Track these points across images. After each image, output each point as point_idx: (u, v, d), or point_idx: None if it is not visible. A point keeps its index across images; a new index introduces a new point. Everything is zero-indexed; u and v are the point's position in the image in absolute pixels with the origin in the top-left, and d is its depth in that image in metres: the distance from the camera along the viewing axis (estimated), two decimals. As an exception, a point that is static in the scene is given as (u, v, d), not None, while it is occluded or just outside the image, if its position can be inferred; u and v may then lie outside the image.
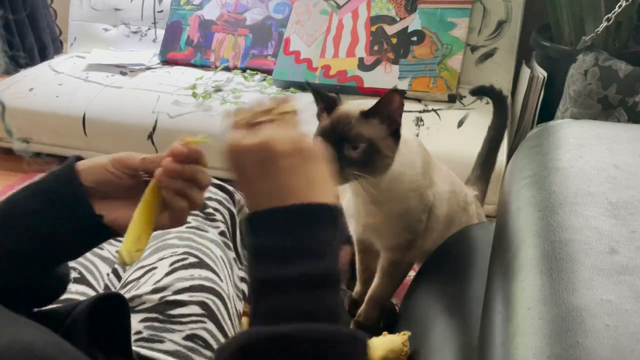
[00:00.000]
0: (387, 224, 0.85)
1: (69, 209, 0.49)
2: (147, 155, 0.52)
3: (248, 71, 1.99)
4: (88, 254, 0.81)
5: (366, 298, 0.93)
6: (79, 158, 0.53)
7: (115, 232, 0.51)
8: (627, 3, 1.46)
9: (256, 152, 0.43)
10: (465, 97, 1.83)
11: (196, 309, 0.67)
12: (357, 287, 1.02)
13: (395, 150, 0.78)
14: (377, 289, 0.92)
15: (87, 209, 0.49)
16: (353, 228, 0.93)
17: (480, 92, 1.13)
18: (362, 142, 0.75)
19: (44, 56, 2.31)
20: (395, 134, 0.77)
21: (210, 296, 0.69)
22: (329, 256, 0.42)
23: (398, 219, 0.84)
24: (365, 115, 0.76)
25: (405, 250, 0.88)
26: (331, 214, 0.43)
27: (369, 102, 0.79)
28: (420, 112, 1.74)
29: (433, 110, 1.75)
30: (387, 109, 0.76)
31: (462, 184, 1.00)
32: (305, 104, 1.99)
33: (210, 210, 0.83)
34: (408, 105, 1.78)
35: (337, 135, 0.75)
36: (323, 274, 0.41)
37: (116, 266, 0.82)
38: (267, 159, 0.43)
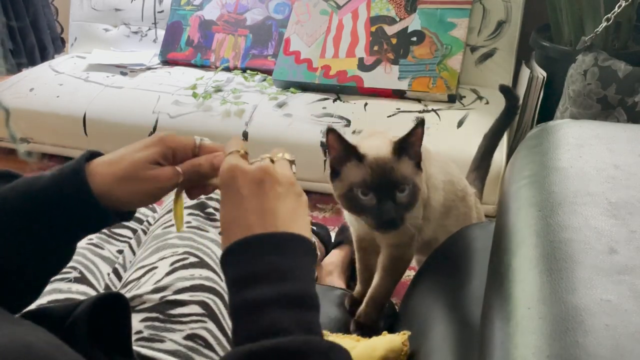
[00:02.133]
0: None
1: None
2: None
3: (248, 71, 2.00)
4: (88, 254, 0.81)
5: (366, 298, 0.93)
6: (94, 154, 0.52)
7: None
8: (627, 3, 1.46)
9: (257, 174, 0.46)
10: (465, 97, 1.83)
11: (197, 309, 0.67)
12: (358, 287, 1.02)
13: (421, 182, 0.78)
14: (378, 286, 0.92)
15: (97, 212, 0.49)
16: (355, 227, 0.93)
17: (505, 90, 1.15)
18: (407, 183, 0.75)
19: (44, 56, 2.31)
20: (418, 167, 0.77)
21: (211, 296, 0.69)
22: (307, 281, 0.44)
23: None
24: (398, 154, 0.75)
25: (407, 246, 0.88)
26: (307, 245, 0.46)
27: (384, 140, 0.78)
28: (420, 112, 1.74)
29: (433, 110, 1.75)
30: (415, 143, 0.75)
31: (461, 175, 1.00)
32: (306, 103, 1.98)
33: (210, 210, 0.83)
34: (408, 105, 1.79)
35: (384, 183, 0.73)
36: (300, 295, 0.43)
37: (117, 266, 0.82)
38: (265, 181, 0.46)
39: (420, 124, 0.74)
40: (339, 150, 0.75)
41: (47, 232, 0.48)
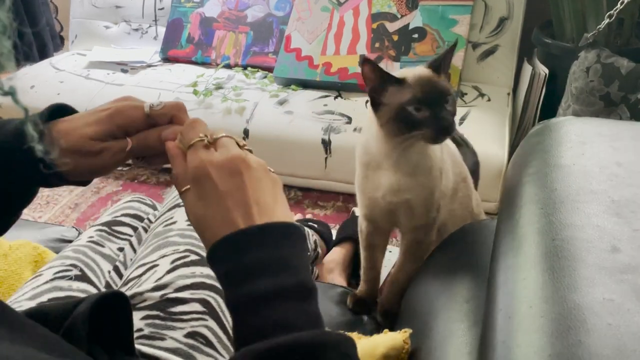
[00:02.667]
0: (422, 198, 0.86)
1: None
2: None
3: (249, 68, 1.99)
4: (89, 252, 0.81)
5: (387, 283, 0.95)
6: (64, 110, 0.52)
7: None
8: (629, 0, 1.46)
9: (231, 165, 0.44)
10: (466, 94, 1.82)
11: (197, 307, 0.67)
12: (362, 286, 1.01)
13: None
14: (398, 272, 0.94)
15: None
16: (368, 219, 0.94)
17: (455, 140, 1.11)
18: (451, 93, 0.80)
19: (43, 54, 2.31)
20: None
21: (212, 294, 0.69)
22: (302, 270, 0.43)
23: (430, 194, 0.86)
24: (437, 72, 0.80)
25: (428, 228, 0.90)
26: (297, 232, 0.45)
27: (411, 68, 0.83)
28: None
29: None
30: (447, 63, 0.82)
31: (460, 155, 1.01)
32: (307, 101, 1.98)
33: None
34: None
35: (434, 95, 0.78)
36: (297, 285, 0.42)
37: (117, 264, 0.82)
38: (241, 171, 0.44)
39: (454, 45, 0.83)
40: (376, 80, 0.79)
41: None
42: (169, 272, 0.71)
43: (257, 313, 0.41)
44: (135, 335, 0.62)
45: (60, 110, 0.53)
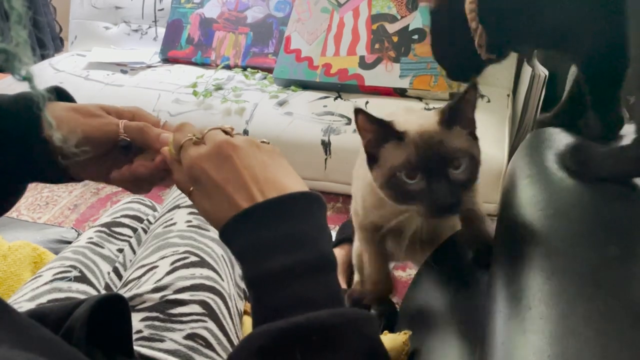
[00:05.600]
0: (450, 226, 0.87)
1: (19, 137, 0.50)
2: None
3: (249, 69, 1.99)
4: (89, 253, 0.81)
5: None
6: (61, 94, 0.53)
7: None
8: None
9: (218, 151, 0.44)
10: (466, 95, 1.82)
11: (197, 308, 0.67)
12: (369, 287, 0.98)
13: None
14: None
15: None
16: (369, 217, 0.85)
17: None
18: (462, 157, 0.62)
19: (44, 56, 2.31)
20: (473, 136, 0.65)
21: (211, 295, 0.69)
22: (319, 241, 0.42)
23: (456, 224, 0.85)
24: (447, 125, 0.63)
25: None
26: (310, 199, 0.43)
27: (423, 113, 0.68)
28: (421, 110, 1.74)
29: (434, 108, 1.75)
30: (467, 109, 0.64)
31: None
32: (307, 102, 1.97)
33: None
34: (409, 104, 1.78)
35: (433, 160, 0.61)
36: (320, 258, 0.41)
37: (117, 265, 0.82)
38: (228, 156, 0.44)
39: (473, 86, 0.61)
40: (372, 132, 0.64)
41: None
42: (168, 273, 0.70)
43: (274, 291, 0.40)
44: (135, 336, 0.62)
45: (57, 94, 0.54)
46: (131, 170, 0.53)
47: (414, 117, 0.67)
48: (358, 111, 0.62)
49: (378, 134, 0.64)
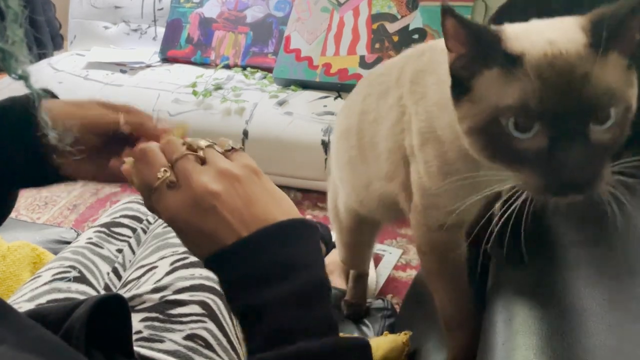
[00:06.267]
0: None
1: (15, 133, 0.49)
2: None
3: (248, 69, 1.99)
4: (88, 253, 0.80)
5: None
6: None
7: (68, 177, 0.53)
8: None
9: (197, 204, 0.41)
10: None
11: (197, 309, 0.66)
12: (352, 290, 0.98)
13: None
14: None
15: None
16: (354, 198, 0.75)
17: None
18: (614, 104, 0.40)
19: (43, 54, 2.30)
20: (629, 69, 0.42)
21: (211, 296, 0.69)
22: (310, 268, 0.40)
23: None
24: (599, 46, 0.39)
25: None
26: (305, 227, 0.42)
27: (555, 21, 0.44)
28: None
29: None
30: (634, 25, 0.40)
31: None
32: (307, 101, 1.97)
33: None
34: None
35: (569, 106, 0.39)
36: (313, 285, 0.40)
37: (116, 265, 0.82)
38: (212, 207, 0.41)
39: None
40: (466, 46, 0.43)
41: None
42: (168, 273, 0.70)
43: (267, 320, 0.39)
44: (134, 337, 0.62)
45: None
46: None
47: (542, 26, 0.43)
48: (446, 11, 0.42)
49: (475, 51, 0.42)
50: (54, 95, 0.55)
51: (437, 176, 0.52)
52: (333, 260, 1.27)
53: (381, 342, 0.75)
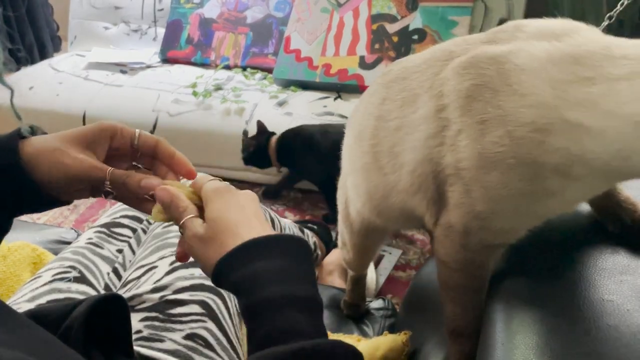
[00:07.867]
0: None
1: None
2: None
3: (248, 69, 1.99)
4: (88, 253, 0.80)
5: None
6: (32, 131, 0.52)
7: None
8: (629, 1, 1.46)
9: (206, 241, 0.47)
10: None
11: (196, 308, 0.66)
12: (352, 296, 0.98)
13: None
14: None
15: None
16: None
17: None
18: None
19: (43, 54, 2.31)
20: None
21: (211, 295, 0.69)
22: (311, 282, 0.45)
23: None
24: None
25: None
26: (299, 245, 0.46)
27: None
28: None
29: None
30: None
31: None
32: (307, 102, 1.97)
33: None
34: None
35: None
36: (309, 298, 0.43)
37: (116, 265, 0.82)
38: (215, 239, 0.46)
39: None
40: None
41: None
42: (168, 273, 0.70)
43: (271, 317, 0.42)
44: (134, 336, 0.62)
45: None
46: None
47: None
48: None
49: None
50: (43, 132, 0.54)
51: (498, 201, 0.47)
52: (333, 260, 1.27)
53: (381, 342, 0.75)
